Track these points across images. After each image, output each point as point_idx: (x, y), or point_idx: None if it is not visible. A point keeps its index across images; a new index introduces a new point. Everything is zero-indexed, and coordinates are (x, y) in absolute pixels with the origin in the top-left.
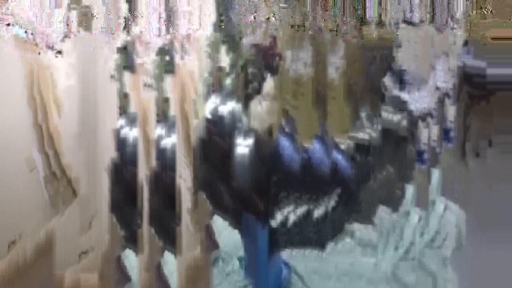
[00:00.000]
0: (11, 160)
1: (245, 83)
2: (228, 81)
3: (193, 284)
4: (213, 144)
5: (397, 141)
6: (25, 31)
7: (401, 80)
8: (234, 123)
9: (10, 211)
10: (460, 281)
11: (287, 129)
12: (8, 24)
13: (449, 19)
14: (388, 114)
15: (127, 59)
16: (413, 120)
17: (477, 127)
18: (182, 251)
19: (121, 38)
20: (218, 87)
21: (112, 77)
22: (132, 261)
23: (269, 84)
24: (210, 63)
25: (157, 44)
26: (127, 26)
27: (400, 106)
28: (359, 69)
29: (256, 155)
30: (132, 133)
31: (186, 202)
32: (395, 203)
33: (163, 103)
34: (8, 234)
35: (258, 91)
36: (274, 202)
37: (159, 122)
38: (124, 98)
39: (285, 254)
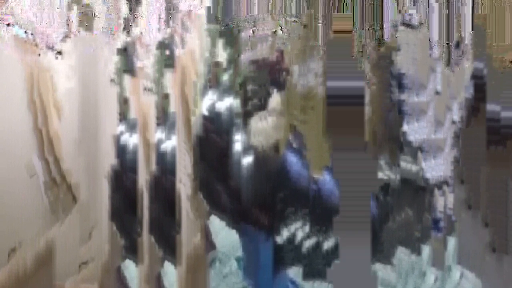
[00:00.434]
0: (11, 166)
1: (245, 100)
2: (226, 76)
3: None
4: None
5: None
6: (25, 31)
7: (400, 83)
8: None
9: (10, 217)
10: None
11: (294, 145)
12: (8, 24)
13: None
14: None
15: (127, 62)
16: (429, 188)
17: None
18: (182, 260)
19: (121, 39)
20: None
21: (112, 80)
22: (132, 271)
23: (275, 99)
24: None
25: (157, 39)
26: (127, 27)
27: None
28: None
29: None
30: (132, 140)
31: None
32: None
33: (163, 99)
34: (8, 241)
35: (260, 107)
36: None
37: (159, 124)
38: (124, 103)
39: (292, 272)
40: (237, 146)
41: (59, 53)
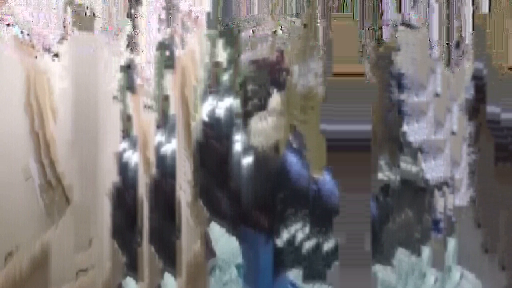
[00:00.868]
0: (7, 169)
1: (245, 100)
2: (226, 76)
3: None
4: (211, 150)
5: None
6: (21, 31)
7: (400, 84)
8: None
9: (6, 221)
10: None
11: (294, 145)
12: (8, 25)
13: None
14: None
15: (128, 79)
16: (429, 189)
17: None
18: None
19: (124, 56)
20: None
21: (115, 97)
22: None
23: (275, 99)
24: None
25: (157, 39)
26: (130, 44)
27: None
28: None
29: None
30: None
31: (185, 211)
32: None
33: (163, 101)
34: (4, 245)
35: (260, 108)
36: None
37: (159, 127)
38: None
39: (291, 275)
40: (237, 147)
41: (56, 55)
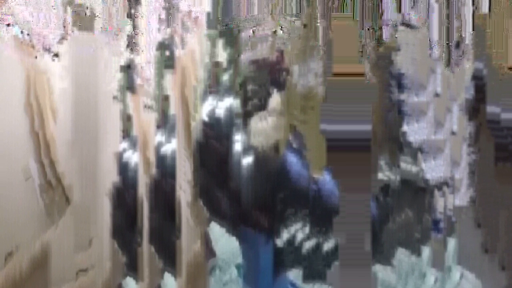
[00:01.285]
0: (7, 170)
1: (245, 100)
2: (226, 76)
3: None
4: (211, 150)
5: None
6: (21, 31)
7: (400, 84)
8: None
9: (6, 221)
10: None
11: (294, 145)
12: (8, 25)
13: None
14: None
15: (128, 79)
16: (429, 189)
17: None
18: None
19: (124, 56)
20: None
21: (115, 97)
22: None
23: (275, 99)
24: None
25: (157, 39)
26: (130, 44)
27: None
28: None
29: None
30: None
31: (185, 211)
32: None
33: (163, 101)
34: (5, 245)
35: (260, 108)
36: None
37: (159, 127)
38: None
39: (291, 275)
40: (237, 147)
41: (56, 55)
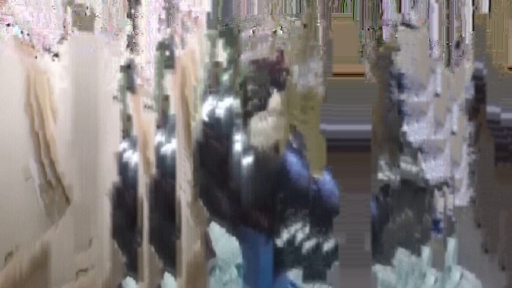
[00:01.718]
0: (7, 170)
1: (245, 100)
2: (226, 76)
3: None
4: (211, 150)
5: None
6: (21, 31)
7: (400, 83)
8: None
9: (6, 221)
10: None
11: (294, 145)
12: (8, 25)
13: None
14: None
15: (128, 79)
16: (429, 189)
17: None
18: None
19: (124, 56)
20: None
21: (115, 97)
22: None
23: (275, 99)
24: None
25: (157, 39)
26: (130, 44)
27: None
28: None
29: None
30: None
31: (185, 211)
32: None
33: (163, 101)
34: (5, 245)
35: (260, 108)
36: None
37: (159, 127)
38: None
39: (291, 275)
40: (237, 147)
41: (56, 55)
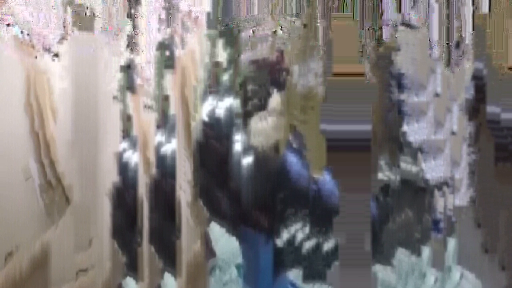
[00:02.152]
0: (7, 170)
1: (245, 100)
2: (226, 76)
3: None
4: (211, 150)
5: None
6: (21, 31)
7: (400, 83)
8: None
9: (6, 221)
10: None
11: (294, 145)
12: (8, 25)
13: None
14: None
15: (128, 79)
16: (429, 189)
17: None
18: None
19: (124, 56)
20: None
21: (115, 97)
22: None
23: (275, 99)
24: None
25: (157, 39)
26: (130, 44)
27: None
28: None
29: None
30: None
31: (185, 211)
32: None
33: (163, 101)
34: (5, 245)
35: (260, 108)
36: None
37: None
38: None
39: (291, 275)
40: (237, 147)
41: (56, 55)
